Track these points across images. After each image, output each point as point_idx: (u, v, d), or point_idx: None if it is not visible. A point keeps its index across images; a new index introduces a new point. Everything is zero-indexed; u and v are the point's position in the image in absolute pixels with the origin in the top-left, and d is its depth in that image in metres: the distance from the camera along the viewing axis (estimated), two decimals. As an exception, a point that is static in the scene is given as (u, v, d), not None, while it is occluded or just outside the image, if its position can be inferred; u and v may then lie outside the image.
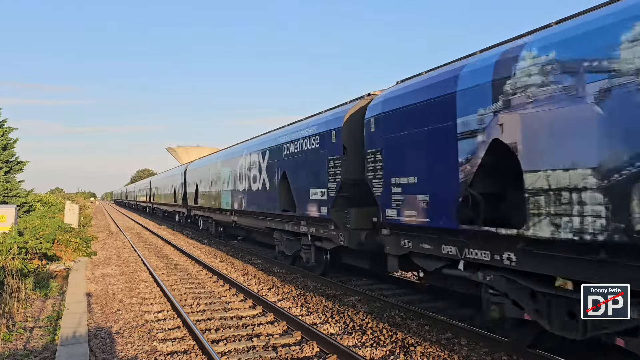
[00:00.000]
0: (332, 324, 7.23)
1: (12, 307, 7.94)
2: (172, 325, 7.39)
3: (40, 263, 11.79)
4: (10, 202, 22.33)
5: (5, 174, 24.28)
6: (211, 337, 6.63)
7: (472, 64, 5.85)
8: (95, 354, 6.01)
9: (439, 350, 5.87)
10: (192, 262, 14.20)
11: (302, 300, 8.85)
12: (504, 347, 5.79)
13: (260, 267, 12.96)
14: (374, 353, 5.89)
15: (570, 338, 4.77)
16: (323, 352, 6.00)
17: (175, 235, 23.74)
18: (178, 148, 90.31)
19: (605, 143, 4.01)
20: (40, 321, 7.80)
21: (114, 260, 14.90)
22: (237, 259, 14.50)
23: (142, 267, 13.26)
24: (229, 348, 6.21)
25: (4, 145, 24.47)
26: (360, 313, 7.73)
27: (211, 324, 7.35)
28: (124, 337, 6.74)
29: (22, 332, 7.11)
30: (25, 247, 11.84)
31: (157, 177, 41.97)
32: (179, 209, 28.17)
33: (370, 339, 6.44)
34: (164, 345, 6.33)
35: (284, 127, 12.66)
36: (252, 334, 6.78)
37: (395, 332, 6.65)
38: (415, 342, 6.19)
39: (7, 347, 6.42)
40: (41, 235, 13.27)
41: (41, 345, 6.56)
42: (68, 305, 7.99)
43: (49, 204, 29.35)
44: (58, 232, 14.17)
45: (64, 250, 13.68)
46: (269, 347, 6.23)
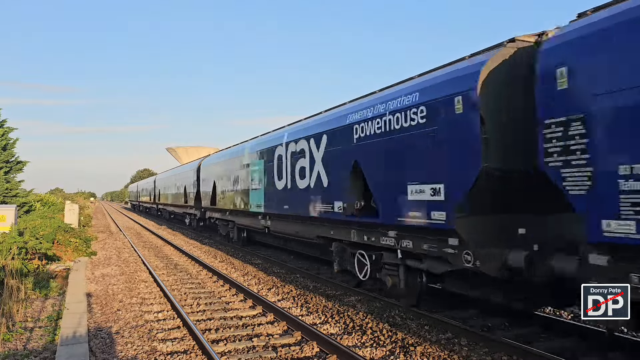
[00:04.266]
0: (332, 324, 7.22)
1: (12, 307, 7.93)
2: (172, 325, 7.39)
3: (40, 263, 11.79)
4: (10, 202, 22.33)
5: (5, 174, 24.28)
6: (211, 337, 6.63)
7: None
8: (95, 354, 6.01)
9: (439, 350, 5.87)
10: (192, 262, 14.20)
11: (302, 300, 8.85)
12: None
13: (260, 267, 12.96)
14: (374, 353, 5.89)
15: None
16: (323, 352, 6.00)
17: (175, 235, 23.74)
18: (178, 148, 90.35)
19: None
20: (40, 321, 7.80)
21: (114, 260, 14.89)
22: (237, 259, 14.49)
23: (142, 267, 13.26)
24: (229, 348, 6.21)
25: (4, 145, 24.47)
26: (360, 313, 7.73)
27: (211, 324, 7.35)
28: (124, 337, 6.74)
29: (22, 332, 7.11)
30: (25, 247, 11.84)
31: (164, 175, 37.51)
32: (191, 210, 24.70)
33: (370, 339, 6.44)
34: (164, 345, 6.33)
35: (354, 102, 9.15)
36: (252, 334, 6.78)
37: (395, 332, 6.64)
38: (415, 342, 6.19)
39: (7, 347, 6.43)
40: (41, 235, 13.27)
41: (41, 345, 6.56)
42: (68, 305, 7.99)
43: (49, 204, 29.37)
44: (58, 232, 14.18)
45: (64, 250, 13.68)
46: (269, 347, 6.23)
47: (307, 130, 10.27)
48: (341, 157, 8.61)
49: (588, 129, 4.43)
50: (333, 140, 8.95)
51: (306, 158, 10.10)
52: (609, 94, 4.29)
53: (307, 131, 10.28)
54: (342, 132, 8.56)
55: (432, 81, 6.55)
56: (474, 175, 5.49)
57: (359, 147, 8.04)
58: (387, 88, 8.16)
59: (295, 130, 11.21)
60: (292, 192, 10.86)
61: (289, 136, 11.34)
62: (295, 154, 10.71)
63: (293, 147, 10.84)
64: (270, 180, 12.20)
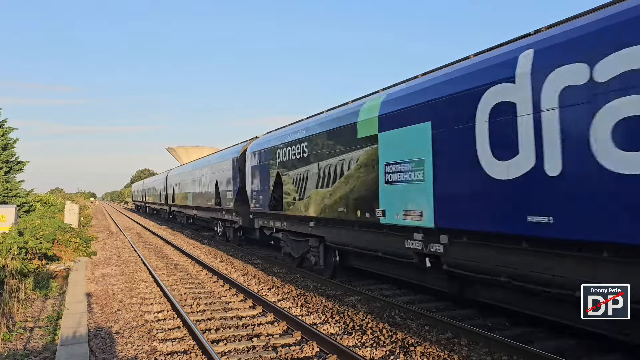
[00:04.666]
0: (332, 324, 7.22)
1: (12, 307, 7.94)
2: (172, 325, 7.39)
3: (40, 263, 11.80)
4: (10, 202, 22.33)
5: (5, 174, 24.28)
6: (211, 337, 6.63)
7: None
8: (95, 354, 6.01)
9: (439, 350, 5.87)
10: (192, 262, 14.20)
11: (302, 300, 8.85)
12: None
13: (260, 267, 12.96)
14: (374, 353, 5.89)
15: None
16: (323, 352, 6.00)
17: (175, 235, 23.74)
18: (178, 148, 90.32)
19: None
20: (40, 321, 7.80)
21: (114, 260, 14.90)
22: (237, 259, 14.49)
23: (142, 267, 13.26)
24: (229, 348, 6.21)
25: (4, 145, 24.47)
26: (360, 313, 7.73)
27: (211, 324, 7.35)
28: (124, 337, 6.74)
29: (22, 332, 7.11)
30: (25, 247, 11.85)
31: (180, 169, 30.35)
32: (226, 215, 18.11)
33: (370, 339, 6.44)
34: (164, 345, 6.33)
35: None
36: (252, 334, 6.78)
37: (395, 332, 6.65)
38: (415, 342, 6.19)
39: (7, 347, 6.43)
40: (41, 235, 13.27)
41: (41, 345, 6.56)
42: (68, 305, 7.99)
43: (49, 204, 29.39)
44: (58, 232, 14.18)
45: (64, 250, 13.69)
46: (269, 347, 6.23)
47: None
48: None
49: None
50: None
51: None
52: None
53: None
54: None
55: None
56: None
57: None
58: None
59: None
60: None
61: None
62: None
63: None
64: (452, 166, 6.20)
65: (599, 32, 4.60)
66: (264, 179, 12.97)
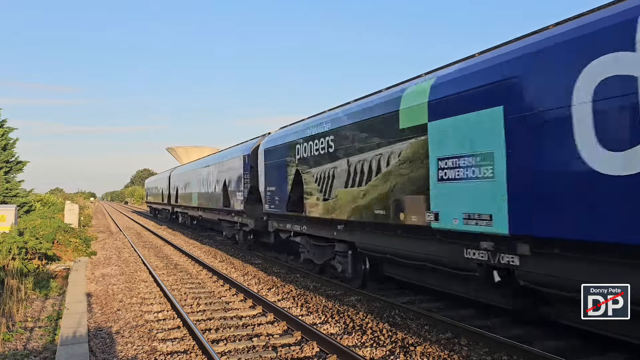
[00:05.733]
0: (332, 324, 7.22)
1: (12, 307, 7.94)
2: (172, 325, 7.39)
3: (40, 263, 11.80)
4: (10, 202, 22.33)
5: (5, 174, 24.28)
6: (211, 337, 6.63)
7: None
8: (95, 354, 6.01)
9: (439, 350, 5.87)
10: (192, 262, 14.20)
11: (302, 300, 8.85)
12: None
13: (260, 267, 12.96)
14: (374, 353, 5.89)
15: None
16: (323, 352, 6.00)
17: (175, 235, 23.74)
18: (178, 148, 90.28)
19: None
20: (40, 321, 7.80)
21: (114, 260, 14.90)
22: (237, 259, 14.49)
23: (142, 267, 13.26)
24: (229, 348, 6.21)
25: (4, 145, 24.46)
26: (360, 313, 7.73)
27: (211, 324, 7.35)
28: (124, 337, 6.74)
29: (22, 332, 7.11)
30: (25, 247, 11.85)
31: (184, 168, 28.79)
32: (235, 217, 16.68)
33: (370, 339, 6.44)
34: (164, 345, 6.33)
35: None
36: (252, 334, 6.78)
37: (395, 332, 6.64)
38: (415, 342, 6.19)
39: (7, 347, 6.43)
40: (41, 235, 13.27)
41: (41, 345, 6.56)
42: (68, 305, 7.99)
43: (49, 204, 29.38)
44: (58, 232, 14.18)
45: (64, 250, 13.69)
46: (269, 347, 6.23)
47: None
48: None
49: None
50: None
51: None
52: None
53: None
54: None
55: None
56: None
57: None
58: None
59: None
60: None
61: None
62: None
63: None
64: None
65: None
66: (280, 178, 11.59)
